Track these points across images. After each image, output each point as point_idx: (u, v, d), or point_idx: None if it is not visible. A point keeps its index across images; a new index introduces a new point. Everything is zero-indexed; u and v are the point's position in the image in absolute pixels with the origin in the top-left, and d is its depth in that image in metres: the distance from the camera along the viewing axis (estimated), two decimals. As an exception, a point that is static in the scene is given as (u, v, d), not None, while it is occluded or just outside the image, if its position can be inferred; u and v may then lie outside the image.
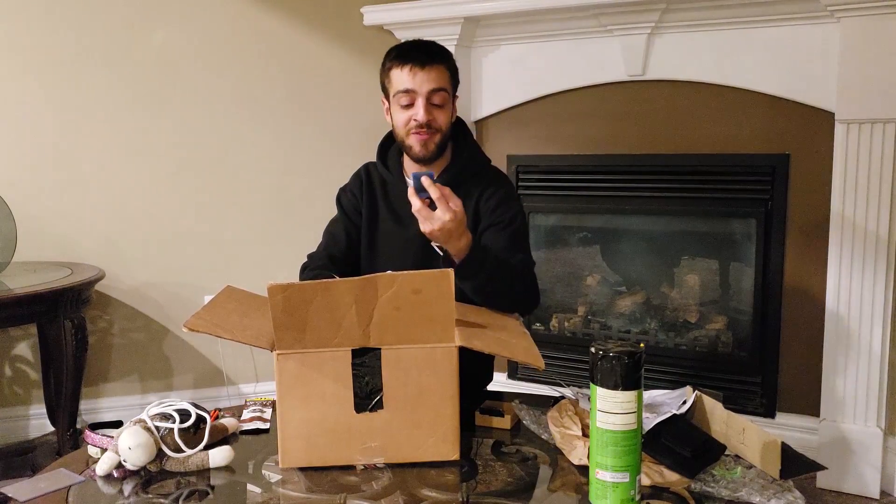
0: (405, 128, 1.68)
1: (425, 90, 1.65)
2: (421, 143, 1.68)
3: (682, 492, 1.13)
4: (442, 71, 1.67)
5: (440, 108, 1.67)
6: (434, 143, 1.69)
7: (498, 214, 1.70)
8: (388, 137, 1.82)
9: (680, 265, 2.84)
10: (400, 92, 1.67)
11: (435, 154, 1.70)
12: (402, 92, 1.66)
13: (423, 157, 1.70)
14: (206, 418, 1.29)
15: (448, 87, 1.69)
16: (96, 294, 2.74)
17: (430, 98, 1.66)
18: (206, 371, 3.07)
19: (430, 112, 1.66)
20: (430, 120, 1.66)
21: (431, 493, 1.15)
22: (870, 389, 2.32)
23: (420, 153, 1.69)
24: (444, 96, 1.68)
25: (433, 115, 1.66)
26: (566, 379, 2.70)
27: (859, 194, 2.29)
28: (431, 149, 1.69)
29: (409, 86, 1.65)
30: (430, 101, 1.66)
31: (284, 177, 3.06)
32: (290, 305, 1.18)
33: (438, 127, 1.68)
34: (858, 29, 2.23)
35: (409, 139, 1.69)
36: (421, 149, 1.69)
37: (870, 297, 2.30)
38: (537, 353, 1.27)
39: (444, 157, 1.76)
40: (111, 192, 2.88)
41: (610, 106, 2.76)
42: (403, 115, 1.68)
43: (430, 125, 1.66)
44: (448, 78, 1.69)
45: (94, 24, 2.80)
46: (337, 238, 1.81)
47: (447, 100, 1.69)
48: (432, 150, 1.69)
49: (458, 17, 2.78)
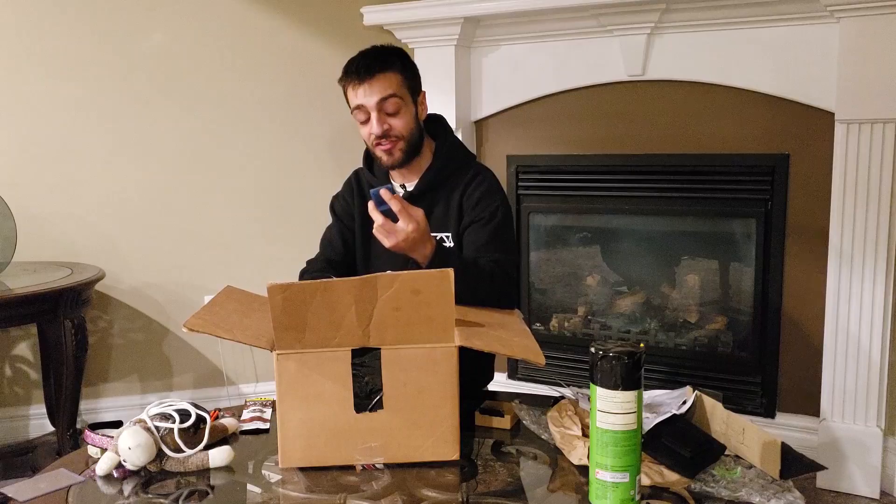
0: (369, 141, 1.71)
1: (373, 102, 1.65)
2: (386, 154, 1.70)
3: (682, 492, 1.13)
4: (388, 77, 1.66)
5: (394, 115, 1.67)
6: (400, 150, 1.70)
7: (479, 210, 1.70)
8: None
9: (680, 265, 2.84)
10: (354, 109, 1.69)
11: (403, 160, 1.71)
12: (355, 108, 1.69)
13: (391, 165, 1.72)
14: (206, 418, 1.29)
15: (399, 91, 1.67)
16: (96, 294, 2.74)
17: (381, 108, 1.66)
18: (206, 371, 3.07)
19: (383, 122, 1.66)
20: (387, 130, 1.67)
21: (431, 493, 1.15)
22: (870, 389, 2.32)
23: (388, 163, 1.71)
24: (396, 102, 1.67)
25: (388, 125, 1.67)
26: (566, 379, 2.70)
27: (859, 194, 2.29)
28: (398, 156, 1.70)
29: (358, 101, 1.67)
30: (383, 110, 1.66)
31: (285, 177, 3.06)
32: (289, 305, 1.18)
33: (398, 134, 1.68)
34: (858, 29, 2.23)
35: (375, 151, 1.72)
36: (388, 158, 1.70)
37: (869, 296, 2.30)
38: (538, 349, 1.27)
39: (424, 156, 1.76)
40: (111, 192, 2.88)
41: (610, 106, 2.76)
42: (364, 130, 1.70)
43: (388, 134, 1.67)
44: (399, 81, 1.68)
45: (93, 24, 2.80)
46: (333, 243, 1.83)
47: (401, 105, 1.68)
48: (399, 158, 1.70)
49: (458, 17, 2.78)
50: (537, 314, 3.06)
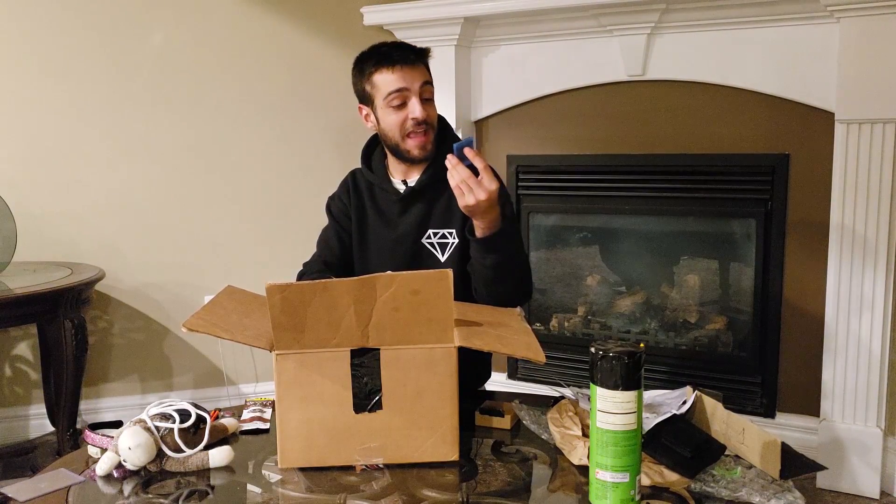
0: (401, 129, 1.67)
1: (417, 86, 1.65)
2: (420, 147, 1.67)
3: (682, 492, 1.13)
4: (423, 67, 1.69)
5: (430, 102, 1.68)
6: (431, 143, 1.69)
7: None
8: (370, 142, 1.83)
9: (680, 265, 2.84)
10: (392, 93, 1.65)
11: (433, 153, 1.70)
12: (394, 92, 1.65)
13: (421, 158, 1.69)
14: (206, 418, 1.29)
15: (432, 82, 1.70)
16: (96, 294, 2.74)
17: (421, 93, 1.66)
18: (206, 371, 3.07)
19: (424, 108, 1.66)
20: (426, 116, 1.66)
21: (431, 493, 1.15)
22: (870, 389, 2.32)
23: (419, 155, 1.68)
24: (432, 91, 1.69)
25: (427, 112, 1.67)
26: (566, 379, 2.71)
27: (859, 194, 2.29)
28: (430, 149, 1.69)
29: (402, 84, 1.64)
30: (422, 96, 1.66)
31: (285, 177, 3.06)
32: (288, 306, 1.18)
33: (432, 123, 1.69)
34: (858, 29, 2.23)
35: (405, 142, 1.68)
36: (420, 151, 1.68)
37: (870, 296, 2.30)
38: (538, 347, 1.27)
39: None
40: (111, 192, 2.88)
41: (609, 106, 2.76)
42: (397, 116, 1.66)
43: (427, 121, 1.66)
44: (429, 73, 1.70)
45: (93, 24, 2.80)
46: (330, 244, 1.82)
47: (434, 94, 1.70)
48: (430, 151, 1.69)
49: (458, 17, 2.79)
50: (537, 314, 3.06)
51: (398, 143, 1.69)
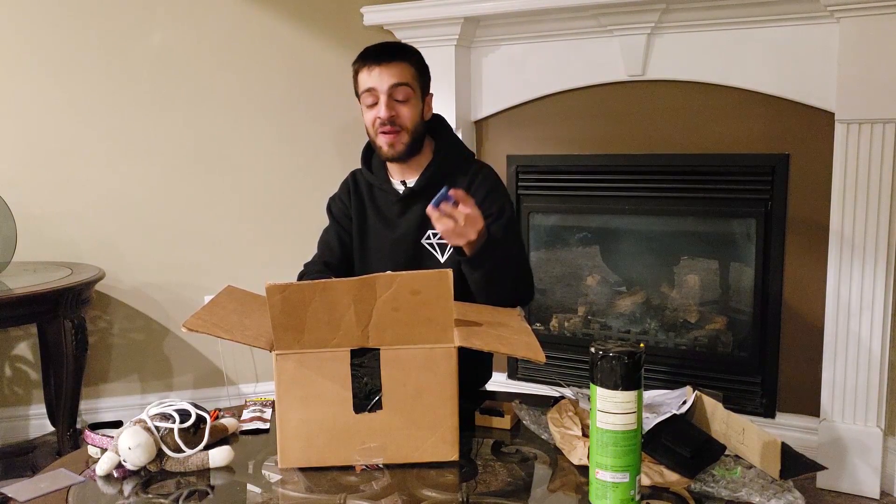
0: (373, 128, 1.70)
1: (385, 86, 1.65)
2: (388, 144, 1.69)
3: (682, 492, 1.13)
4: (404, 67, 1.67)
5: (403, 103, 1.67)
6: (402, 144, 1.69)
7: (487, 207, 1.69)
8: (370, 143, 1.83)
9: (680, 265, 2.84)
10: (364, 91, 1.68)
11: (404, 154, 1.70)
12: (365, 91, 1.67)
13: (391, 157, 1.71)
14: (206, 418, 1.29)
15: (412, 83, 1.68)
16: (96, 294, 2.74)
17: (391, 94, 1.65)
18: (206, 371, 3.07)
19: (391, 108, 1.65)
20: (393, 116, 1.66)
21: (431, 493, 1.15)
22: (870, 389, 2.32)
23: (388, 153, 1.70)
24: (407, 91, 1.67)
25: (396, 111, 1.66)
26: (566, 379, 2.70)
27: (859, 194, 2.29)
28: (399, 149, 1.69)
29: (370, 84, 1.66)
30: (393, 97, 1.66)
31: (285, 177, 3.06)
32: (288, 306, 1.18)
33: (403, 124, 1.67)
34: (858, 29, 2.23)
35: (377, 139, 1.70)
36: (388, 149, 1.69)
37: (869, 296, 2.30)
38: (538, 346, 1.27)
39: (425, 154, 1.75)
40: (111, 192, 2.88)
41: (609, 106, 2.76)
42: (369, 114, 1.69)
43: (394, 121, 1.66)
44: (412, 74, 1.69)
45: (93, 23, 2.80)
46: (331, 245, 1.82)
47: (411, 96, 1.68)
48: (400, 151, 1.69)
49: (458, 17, 2.79)
50: (537, 314, 3.06)
51: (373, 140, 1.73)
